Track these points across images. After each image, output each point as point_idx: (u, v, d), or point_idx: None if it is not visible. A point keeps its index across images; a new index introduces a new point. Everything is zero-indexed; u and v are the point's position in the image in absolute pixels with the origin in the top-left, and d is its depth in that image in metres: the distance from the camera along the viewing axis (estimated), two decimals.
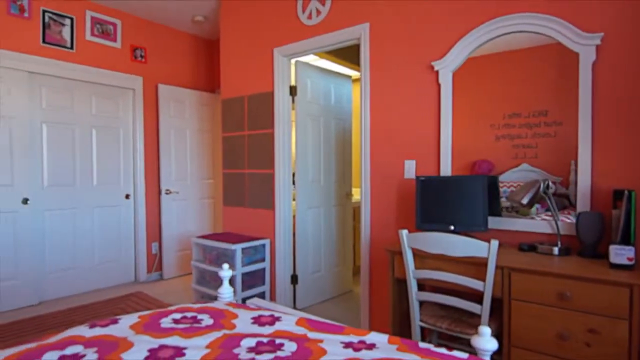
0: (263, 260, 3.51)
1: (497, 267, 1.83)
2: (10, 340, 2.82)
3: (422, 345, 1.22)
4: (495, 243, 1.74)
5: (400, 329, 2.37)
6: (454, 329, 1.99)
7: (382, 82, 2.78)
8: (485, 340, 1.15)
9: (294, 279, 3.52)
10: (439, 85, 2.51)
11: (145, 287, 4.21)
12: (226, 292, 1.85)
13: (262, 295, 3.53)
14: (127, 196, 4.31)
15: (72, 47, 3.80)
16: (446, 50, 2.46)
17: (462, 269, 2.00)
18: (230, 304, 1.65)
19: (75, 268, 3.92)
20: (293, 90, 3.45)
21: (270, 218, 3.53)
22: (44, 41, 3.62)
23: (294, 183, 3.54)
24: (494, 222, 2.30)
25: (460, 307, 1.95)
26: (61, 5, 3.72)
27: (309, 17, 3.17)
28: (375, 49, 2.81)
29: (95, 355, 1.12)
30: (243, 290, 3.35)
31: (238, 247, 3.27)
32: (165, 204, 4.48)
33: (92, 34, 3.94)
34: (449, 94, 2.46)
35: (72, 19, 3.79)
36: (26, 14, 3.52)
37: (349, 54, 4.04)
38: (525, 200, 2.00)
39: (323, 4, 3.07)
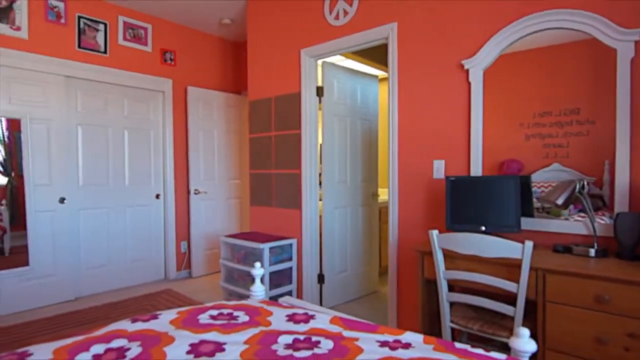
0: (290, 259, 3.54)
1: (531, 268, 1.80)
2: (50, 334, 2.94)
3: (458, 345, 1.22)
4: (530, 244, 1.71)
5: (430, 330, 2.35)
6: (486, 330, 1.97)
7: (410, 81, 2.77)
8: (524, 342, 1.14)
9: (321, 279, 3.54)
10: (469, 84, 2.48)
11: (174, 284, 4.32)
12: (258, 289, 1.88)
13: (289, 294, 3.56)
14: (158, 196, 4.43)
15: (105, 52, 3.94)
16: (477, 49, 2.43)
17: (494, 270, 1.97)
18: (263, 301, 1.68)
19: (108, 265, 4.06)
20: (320, 91, 3.47)
21: (297, 218, 3.56)
22: (79, 46, 3.76)
23: (320, 183, 3.56)
24: (526, 223, 2.26)
25: (492, 309, 1.92)
26: (95, 11, 3.86)
27: (336, 17, 3.18)
28: (403, 49, 2.80)
29: (140, 349, 1.17)
30: (270, 289, 3.39)
31: (266, 247, 3.31)
32: (194, 204, 4.58)
33: (124, 39, 4.07)
34: (479, 93, 2.43)
35: (105, 24, 3.92)
36: (63, 20, 3.66)
37: (375, 54, 4.03)
38: (560, 201, 1.96)
39: (350, 5, 3.08)
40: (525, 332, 1.15)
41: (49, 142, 3.62)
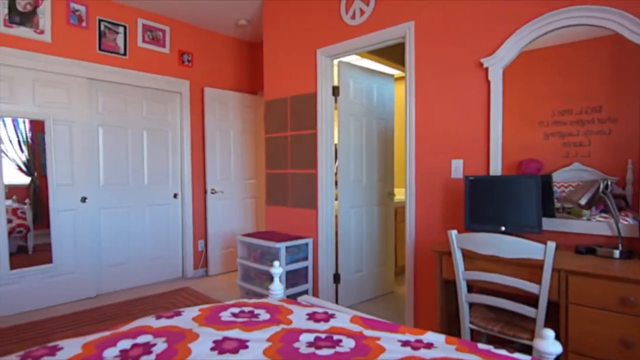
0: (306, 258, 3.56)
1: (553, 269, 1.77)
2: (73, 330, 3.01)
3: (481, 346, 1.21)
4: (552, 245, 1.69)
5: (449, 331, 2.33)
6: (506, 332, 1.95)
7: (428, 80, 2.76)
8: (549, 343, 1.13)
9: (337, 278, 3.55)
10: (488, 83, 2.45)
11: (192, 282, 4.37)
12: (277, 288, 1.90)
13: (305, 293, 3.58)
14: (175, 195, 4.50)
15: (125, 54, 4.01)
16: (496, 47, 2.40)
17: (514, 270, 1.95)
18: (283, 300, 1.70)
19: (128, 263, 4.14)
20: (336, 91, 3.48)
21: (312, 217, 3.57)
22: (100, 48, 3.84)
23: (336, 183, 3.56)
24: (547, 224, 2.22)
25: (512, 310, 1.90)
26: (115, 14, 3.93)
27: (353, 17, 3.18)
28: (420, 48, 2.78)
29: (165, 345, 1.19)
30: (287, 288, 3.41)
31: (282, 246, 3.33)
32: (210, 203, 4.63)
33: (143, 41, 4.14)
34: (499, 91, 2.40)
35: (125, 27, 3.99)
36: (84, 24, 3.74)
37: (391, 53, 4.01)
38: (583, 201, 1.93)
39: (367, 4, 3.08)
40: (550, 333, 1.14)
41: (71, 142, 3.70)
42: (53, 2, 3.55)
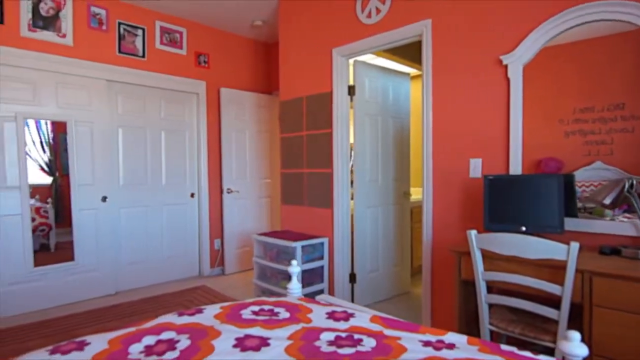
0: (321, 258, 3.56)
1: (576, 270, 1.74)
2: (94, 326, 3.08)
3: (504, 347, 1.20)
4: (575, 245, 1.66)
5: (467, 332, 2.31)
6: (527, 334, 1.92)
7: (445, 79, 2.73)
8: (575, 346, 1.11)
9: (352, 278, 3.54)
10: (507, 80, 2.42)
11: (208, 281, 4.42)
12: (295, 287, 1.90)
13: (320, 293, 3.58)
14: (192, 195, 4.55)
15: (143, 56, 4.07)
16: (517, 43, 2.37)
17: (535, 271, 1.92)
18: (302, 298, 1.70)
19: (146, 261, 4.20)
20: (351, 90, 3.48)
21: (328, 217, 3.57)
22: (119, 51, 3.91)
23: (351, 182, 3.56)
24: (569, 224, 2.18)
25: (534, 312, 1.87)
26: (134, 16, 4.00)
27: (369, 15, 3.17)
28: (438, 46, 2.76)
29: (189, 341, 1.21)
30: (302, 287, 3.41)
31: (298, 245, 3.35)
32: (226, 203, 4.67)
33: (161, 43, 4.20)
34: (519, 89, 2.37)
35: (143, 30, 4.06)
36: (104, 27, 3.82)
37: (407, 51, 3.99)
38: (607, 201, 1.89)
39: (383, 3, 3.07)
40: (576, 335, 1.12)
41: (92, 143, 3.78)
42: (74, 6, 3.63)
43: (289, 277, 3.47)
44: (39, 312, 3.43)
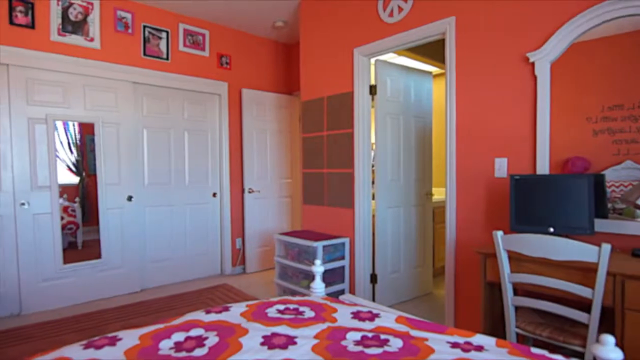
0: (342, 258, 3.56)
1: (608, 273, 1.69)
2: (121, 322, 3.15)
3: (535, 351, 1.17)
4: (607, 247, 1.61)
5: (492, 334, 2.27)
6: (556, 337, 1.88)
7: (469, 77, 2.70)
8: (609, 350, 1.08)
9: (373, 278, 3.53)
10: (534, 78, 2.37)
11: (230, 279, 4.47)
12: (319, 286, 1.91)
13: (341, 293, 3.58)
14: (214, 194, 4.62)
15: (167, 58, 4.15)
16: (544, 40, 2.31)
17: (564, 274, 1.87)
18: (326, 298, 1.71)
19: (170, 260, 4.28)
20: (373, 90, 3.46)
21: (349, 217, 3.57)
22: (144, 54, 4.00)
23: (373, 182, 3.55)
24: (599, 225, 2.12)
25: (562, 315, 1.83)
26: (158, 20, 4.08)
27: (390, 14, 3.16)
28: (461, 44, 2.73)
29: (217, 339, 1.23)
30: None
31: (319, 245, 3.35)
32: (248, 202, 4.72)
33: (184, 45, 4.27)
34: (546, 87, 2.31)
35: (167, 32, 4.14)
36: (130, 30, 3.91)
37: (428, 50, 3.95)
38: None
39: (405, 1, 3.05)
40: (610, 339, 1.09)
41: (118, 144, 3.88)
42: (102, 11, 3.73)
43: (309, 277, 3.50)
44: (68, 307, 3.54)
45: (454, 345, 1.20)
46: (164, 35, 4.12)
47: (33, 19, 3.37)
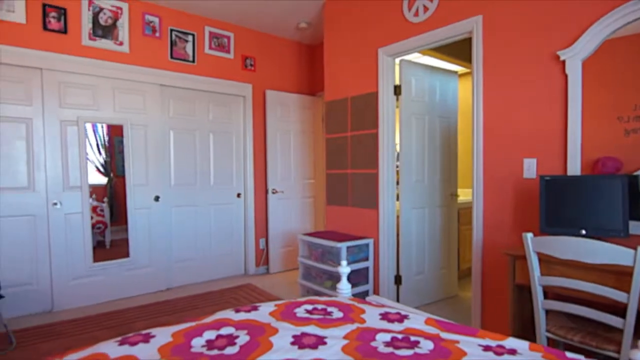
0: (366, 259, 3.55)
1: None
2: (149, 320, 3.23)
3: (570, 355, 1.15)
4: None
5: (521, 338, 2.22)
6: (589, 342, 1.82)
7: (497, 76, 2.65)
8: None
9: (398, 280, 3.50)
10: (565, 76, 2.31)
11: (253, 279, 4.52)
12: (345, 287, 1.91)
13: (365, 294, 3.57)
14: (239, 195, 4.67)
15: (193, 61, 4.23)
16: (575, 38, 2.25)
17: (598, 277, 1.82)
18: (353, 299, 1.71)
19: (195, 259, 4.36)
20: (397, 90, 3.44)
21: (373, 218, 3.56)
22: (171, 57, 4.09)
23: (397, 183, 3.52)
24: (634, 228, 2.05)
25: (594, 319, 1.77)
26: (185, 23, 4.17)
27: (416, 14, 3.13)
28: (489, 43, 2.68)
29: (247, 337, 1.25)
30: None
31: (343, 246, 3.35)
32: (271, 203, 4.76)
33: (210, 47, 4.34)
34: (578, 86, 2.25)
35: (193, 35, 4.22)
36: (157, 34, 4.00)
37: (453, 49, 3.90)
38: None
39: (431, 0, 3.02)
40: None
41: (146, 145, 3.97)
42: (130, 15, 3.83)
43: (332, 277, 3.50)
44: (97, 305, 3.64)
45: (486, 348, 1.18)
46: (190, 38, 4.20)
47: (65, 24, 3.49)
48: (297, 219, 5.00)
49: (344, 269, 1.94)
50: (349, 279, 3.43)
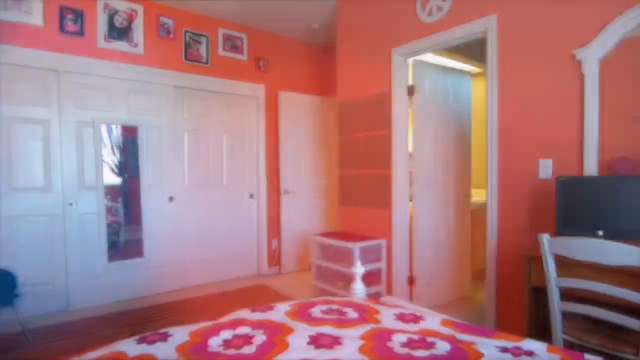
0: (379, 260, 3.54)
1: None
2: (164, 319, 3.27)
3: (589, 357, 1.13)
4: None
5: (538, 340, 2.20)
6: (606, 345, 1.80)
7: (512, 76, 2.63)
8: None
9: (411, 281, 3.49)
10: (581, 76, 2.28)
11: (266, 279, 4.54)
12: (360, 288, 1.92)
13: (379, 295, 3.56)
14: (252, 196, 4.71)
15: (207, 62, 4.28)
16: (592, 37, 2.22)
17: (616, 279, 1.79)
18: (367, 299, 1.71)
19: (209, 259, 4.40)
20: (410, 90, 3.43)
21: (386, 218, 3.55)
22: (186, 58, 4.14)
23: (410, 183, 3.51)
24: None
25: (612, 322, 1.75)
26: (199, 25, 4.21)
27: (429, 14, 3.12)
28: (504, 43, 2.66)
29: (264, 337, 1.26)
30: None
31: (357, 246, 3.35)
32: (284, 203, 4.78)
33: (224, 49, 4.39)
34: (594, 85, 2.22)
35: (207, 37, 4.26)
36: (172, 36, 4.05)
37: (466, 50, 3.87)
38: None
39: (444, 0, 3.00)
40: None
41: (161, 147, 4.02)
42: (145, 17, 3.88)
43: (345, 278, 3.50)
44: (112, 304, 3.68)
45: (504, 350, 1.18)
46: (204, 40, 4.24)
47: (82, 27, 3.55)
48: (310, 220, 5.02)
49: (358, 269, 1.94)
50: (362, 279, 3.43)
